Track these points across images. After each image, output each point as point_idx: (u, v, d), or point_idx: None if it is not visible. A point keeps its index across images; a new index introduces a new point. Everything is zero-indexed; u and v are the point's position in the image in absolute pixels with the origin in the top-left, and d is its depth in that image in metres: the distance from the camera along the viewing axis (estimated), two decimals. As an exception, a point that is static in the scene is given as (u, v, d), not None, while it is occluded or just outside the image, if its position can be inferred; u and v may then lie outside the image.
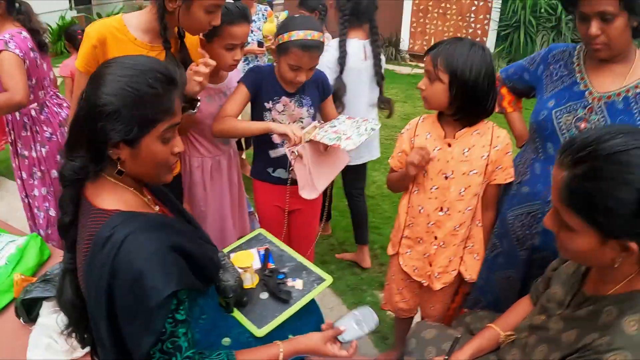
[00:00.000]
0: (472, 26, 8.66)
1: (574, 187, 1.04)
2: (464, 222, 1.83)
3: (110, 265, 1.06)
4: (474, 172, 1.76)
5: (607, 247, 1.07)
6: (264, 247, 1.93)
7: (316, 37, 1.99)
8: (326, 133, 1.98)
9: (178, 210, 1.40)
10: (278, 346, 1.34)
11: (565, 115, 1.69)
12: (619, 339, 1.06)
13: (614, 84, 1.64)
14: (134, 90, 1.09)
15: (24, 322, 1.76)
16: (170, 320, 1.11)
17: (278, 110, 2.16)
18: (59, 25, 9.74)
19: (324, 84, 2.27)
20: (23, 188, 2.82)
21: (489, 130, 1.77)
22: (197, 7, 1.72)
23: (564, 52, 1.79)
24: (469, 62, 1.62)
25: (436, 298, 2.01)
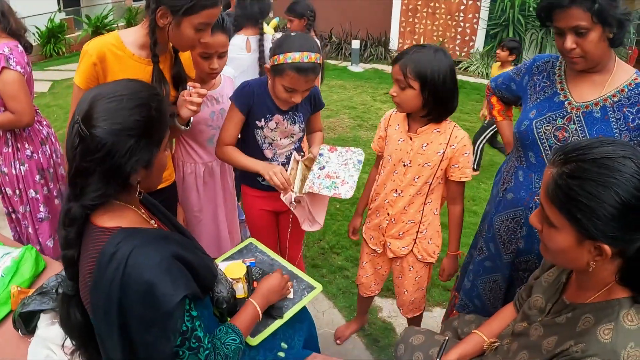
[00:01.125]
0: (461, 25, 8.71)
1: (560, 183, 1.09)
2: (413, 204, 2.07)
3: (119, 280, 1.10)
4: (428, 164, 1.98)
5: (583, 247, 1.12)
6: (251, 259, 1.97)
7: (313, 59, 1.91)
8: (320, 180, 1.99)
9: (172, 223, 1.45)
10: (251, 302, 1.54)
11: (544, 125, 1.74)
12: (593, 346, 1.11)
13: (592, 93, 1.68)
14: (146, 119, 1.15)
15: (22, 334, 1.78)
16: (188, 319, 1.18)
17: (270, 128, 2.14)
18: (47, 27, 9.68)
19: (316, 98, 2.23)
20: (8, 203, 2.74)
21: (449, 129, 1.96)
22: (187, 24, 1.73)
23: (547, 63, 1.83)
24: (436, 67, 1.80)
25: (408, 281, 2.23)
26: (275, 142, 2.18)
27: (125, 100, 1.14)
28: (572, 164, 1.09)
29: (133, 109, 1.14)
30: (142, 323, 1.12)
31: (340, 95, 7.00)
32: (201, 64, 2.10)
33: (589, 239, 1.09)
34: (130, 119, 1.12)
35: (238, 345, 1.35)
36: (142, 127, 1.14)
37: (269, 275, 1.66)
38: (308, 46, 1.92)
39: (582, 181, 1.06)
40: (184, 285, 1.16)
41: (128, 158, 1.12)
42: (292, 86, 1.95)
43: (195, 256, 1.27)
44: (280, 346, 1.64)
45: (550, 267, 1.46)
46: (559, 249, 1.17)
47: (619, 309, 1.14)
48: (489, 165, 4.93)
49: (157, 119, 1.18)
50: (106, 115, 1.11)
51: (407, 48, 1.89)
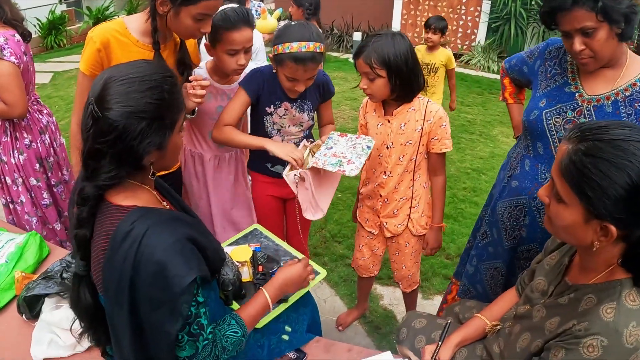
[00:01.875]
0: (463, 18, 8.68)
1: (575, 159, 1.11)
2: (403, 181, 2.13)
3: (132, 259, 1.11)
4: (409, 142, 2.04)
5: (589, 226, 1.13)
6: (256, 244, 1.97)
7: (311, 49, 1.90)
8: (326, 157, 1.95)
9: (181, 206, 1.45)
10: (262, 292, 1.50)
11: (555, 117, 1.72)
12: (596, 325, 1.13)
13: (604, 87, 1.65)
14: (159, 101, 1.15)
15: (26, 318, 1.80)
16: (193, 304, 1.18)
17: (279, 115, 2.15)
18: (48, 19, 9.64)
19: (326, 87, 2.23)
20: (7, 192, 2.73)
21: (423, 105, 2.02)
22: (185, 14, 1.74)
23: (559, 49, 1.79)
24: (398, 52, 1.86)
25: (405, 257, 2.30)
26: (283, 129, 2.18)
27: (137, 82, 1.14)
28: (588, 142, 1.10)
29: (145, 91, 1.14)
30: (152, 303, 1.13)
31: (342, 87, 6.98)
32: (228, 62, 2.05)
33: (596, 218, 1.10)
34: (142, 102, 1.13)
35: (239, 339, 1.35)
36: (154, 109, 1.14)
37: (289, 265, 1.60)
38: (307, 35, 1.91)
39: (596, 160, 1.07)
40: (196, 267, 1.16)
41: (140, 140, 1.13)
42: (292, 75, 1.97)
43: (206, 239, 1.28)
44: (284, 329, 1.66)
45: (552, 251, 1.47)
46: (564, 225, 1.18)
47: (620, 289, 1.16)
48: (490, 157, 4.93)
49: (169, 102, 1.18)
50: (119, 97, 1.12)
51: (365, 39, 1.95)
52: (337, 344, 1.73)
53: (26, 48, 2.57)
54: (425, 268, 3.15)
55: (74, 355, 1.68)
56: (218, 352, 1.29)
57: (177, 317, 1.14)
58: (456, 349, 1.58)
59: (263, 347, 1.58)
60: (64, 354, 1.67)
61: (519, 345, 1.36)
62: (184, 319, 1.17)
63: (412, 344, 1.69)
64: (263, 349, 1.58)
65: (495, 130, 5.61)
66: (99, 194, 1.18)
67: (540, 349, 1.28)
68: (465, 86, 7.16)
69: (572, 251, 1.39)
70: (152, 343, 1.16)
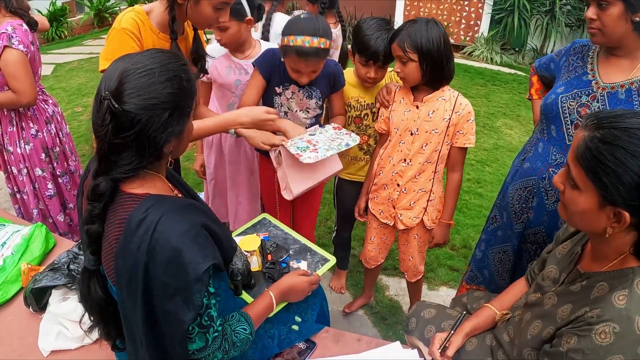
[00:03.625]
0: (466, 9, 8.63)
1: (591, 146, 1.12)
2: (423, 172, 2.11)
3: (147, 245, 1.09)
4: (435, 131, 2.03)
5: (603, 212, 1.14)
6: (265, 233, 1.97)
7: (315, 44, 1.91)
8: (300, 141, 2.00)
9: (191, 196, 1.44)
10: (268, 293, 1.53)
11: (569, 101, 1.77)
12: (609, 311, 1.13)
13: (620, 76, 1.70)
14: (178, 90, 1.14)
15: (33, 310, 1.80)
16: (205, 294, 1.17)
17: (287, 97, 2.17)
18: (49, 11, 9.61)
19: (336, 77, 2.22)
20: (13, 182, 2.76)
21: (453, 97, 2.04)
22: (206, 3, 1.74)
23: (584, 46, 1.87)
24: (431, 37, 1.89)
25: (413, 248, 2.29)
26: (291, 111, 2.19)
27: (157, 74, 1.12)
28: (605, 130, 1.11)
29: (165, 82, 1.12)
30: (166, 291, 1.11)
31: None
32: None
33: (610, 204, 1.11)
34: (164, 92, 1.11)
35: (247, 336, 1.35)
36: (176, 99, 1.14)
37: (295, 273, 1.64)
38: (312, 30, 1.92)
39: (613, 147, 1.09)
40: (211, 255, 1.16)
41: (162, 131, 1.12)
42: (295, 67, 2.01)
43: (219, 227, 1.26)
44: (294, 320, 1.65)
45: (564, 240, 1.48)
46: (578, 210, 1.19)
47: (633, 276, 1.16)
48: (493, 148, 4.92)
49: (187, 90, 1.18)
50: (139, 90, 1.10)
51: (401, 25, 1.97)
52: (347, 334, 1.73)
53: (33, 37, 2.58)
54: (430, 259, 3.15)
55: (82, 346, 1.68)
56: (228, 346, 1.28)
57: (190, 306, 1.13)
58: (466, 338, 1.58)
59: (273, 338, 1.58)
60: (71, 345, 1.67)
61: (530, 332, 1.36)
62: (196, 309, 1.15)
63: (421, 333, 1.69)
64: (273, 339, 1.57)
65: (498, 122, 5.60)
66: (115, 186, 1.17)
67: (552, 335, 1.28)
68: (469, 78, 7.14)
69: (584, 240, 1.39)
70: (166, 333, 1.14)
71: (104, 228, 1.20)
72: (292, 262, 1.82)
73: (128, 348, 1.25)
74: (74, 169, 2.90)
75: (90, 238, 1.20)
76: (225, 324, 1.31)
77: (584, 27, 7.53)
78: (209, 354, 1.24)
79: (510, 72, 7.55)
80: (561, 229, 1.55)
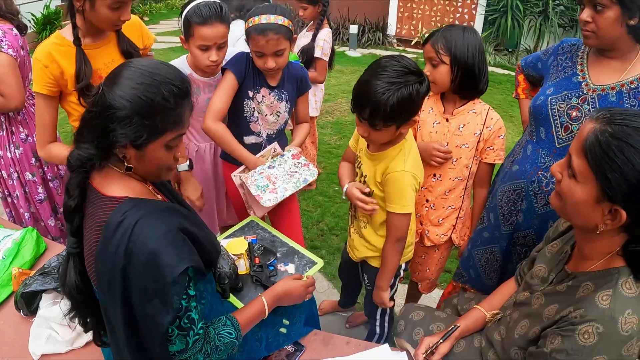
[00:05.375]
0: (460, 11, 8.67)
1: (601, 139, 1.11)
2: (454, 189, 2.04)
3: (124, 248, 1.10)
4: (466, 145, 1.96)
5: (599, 207, 1.13)
6: (252, 236, 1.98)
7: (272, 20, 1.94)
8: (260, 176, 2.06)
9: (177, 200, 1.45)
10: (261, 298, 1.52)
11: (559, 103, 1.75)
12: (592, 311, 1.14)
13: (610, 78, 1.69)
14: (148, 100, 1.13)
15: (24, 314, 1.80)
16: (184, 297, 1.18)
17: (258, 100, 2.15)
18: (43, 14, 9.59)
19: (304, 80, 2.25)
20: (4, 186, 2.74)
21: (484, 111, 1.96)
22: (100, 4, 1.72)
23: (572, 46, 1.84)
24: (466, 43, 1.83)
25: (432, 261, 2.23)
26: (262, 115, 2.18)
27: (139, 74, 1.15)
28: (617, 126, 1.10)
29: (140, 84, 1.14)
30: (144, 293, 1.13)
31: (338, 80, 6.98)
32: (200, 57, 2.04)
33: (609, 200, 1.11)
34: (131, 92, 1.13)
35: (232, 340, 1.35)
36: (140, 105, 1.13)
37: (290, 278, 1.63)
38: (270, 10, 1.97)
39: (622, 144, 1.08)
40: (188, 258, 1.16)
41: (115, 126, 1.13)
42: (257, 49, 1.99)
43: (200, 230, 1.27)
44: (282, 322, 1.66)
45: (554, 239, 1.48)
46: (574, 201, 1.18)
47: (618, 276, 1.17)
48: (487, 149, 4.93)
49: (161, 107, 1.15)
50: (119, 80, 1.15)
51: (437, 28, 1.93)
52: (335, 336, 1.73)
53: (23, 42, 2.57)
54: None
55: (72, 350, 1.68)
56: (210, 349, 1.28)
57: (168, 309, 1.14)
58: (454, 340, 1.59)
59: (261, 341, 1.58)
60: (62, 349, 1.67)
61: (517, 331, 1.37)
62: (175, 312, 1.16)
63: (410, 336, 1.69)
64: (261, 342, 1.58)
65: (492, 122, 5.62)
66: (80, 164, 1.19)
67: (538, 335, 1.28)
68: (462, 78, 7.16)
69: (573, 240, 1.39)
70: (146, 335, 1.16)
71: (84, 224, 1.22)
72: (280, 265, 1.82)
73: (112, 347, 1.27)
74: (65, 173, 2.89)
75: (66, 213, 1.22)
76: (209, 327, 1.32)
77: (577, 28, 7.56)
78: (190, 356, 1.24)
79: (504, 73, 7.59)
80: (551, 228, 1.55)
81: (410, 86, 1.54)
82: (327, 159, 4.69)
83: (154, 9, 14.15)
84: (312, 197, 4.00)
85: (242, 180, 2.09)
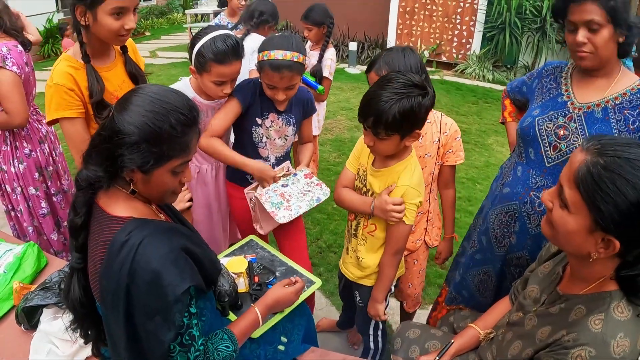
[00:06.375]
0: (458, 27, 8.75)
1: (593, 171, 1.12)
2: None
3: (128, 267, 1.14)
4: (429, 155, 2.05)
5: (591, 237, 1.15)
6: (252, 255, 2.00)
7: (288, 57, 1.94)
8: (274, 194, 2.07)
9: (178, 219, 1.49)
10: (253, 308, 1.56)
11: (546, 123, 1.78)
12: (585, 335, 1.15)
13: (595, 95, 1.72)
14: (156, 128, 1.17)
15: (24, 329, 1.81)
16: (186, 314, 1.21)
17: (267, 126, 2.17)
18: (45, 27, 9.68)
19: (310, 103, 2.28)
20: (7, 200, 2.77)
21: (437, 119, 2.06)
22: (102, 14, 1.72)
23: (556, 68, 1.88)
24: (408, 64, 1.89)
25: (412, 275, 2.29)
26: (270, 140, 2.20)
27: (148, 101, 1.19)
28: (608, 158, 1.12)
29: (149, 112, 1.17)
30: (147, 311, 1.16)
31: (338, 97, 7.02)
32: (213, 90, 2.06)
33: (602, 230, 1.13)
34: (140, 119, 1.16)
35: (230, 353, 1.38)
36: (148, 132, 1.16)
37: (280, 285, 1.66)
38: (286, 45, 1.97)
39: (614, 175, 1.09)
40: (189, 277, 1.20)
41: (123, 151, 1.16)
42: (270, 82, 2.01)
43: (202, 250, 1.31)
44: (280, 340, 1.68)
45: (546, 260, 1.50)
46: (567, 231, 1.20)
47: (610, 300, 1.18)
48: (485, 166, 4.97)
49: (169, 135, 1.19)
50: (128, 105, 1.18)
51: (375, 55, 1.96)
52: (332, 353, 1.75)
53: (28, 58, 2.61)
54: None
55: (72, 365, 1.70)
56: None
57: (170, 326, 1.18)
58: (450, 357, 1.60)
59: (259, 358, 1.60)
60: (62, 364, 1.69)
61: (511, 352, 1.38)
62: (177, 329, 1.20)
63: (406, 353, 1.71)
64: (259, 359, 1.60)
65: (490, 139, 5.66)
66: (87, 184, 1.22)
67: (531, 357, 1.30)
68: (460, 95, 7.22)
69: (565, 261, 1.41)
70: (148, 351, 1.19)
71: (89, 242, 1.25)
72: (279, 284, 1.84)
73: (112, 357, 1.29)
74: (68, 188, 2.92)
75: (71, 230, 1.25)
76: (207, 342, 1.35)
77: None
78: None
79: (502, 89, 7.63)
80: (544, 248, 1.56)
81: (413, 98, 1.60)
82: (327, 176, 4.71)
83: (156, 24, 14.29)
84: (310, 214, 4.00)
85: (257, 197, 2.09)
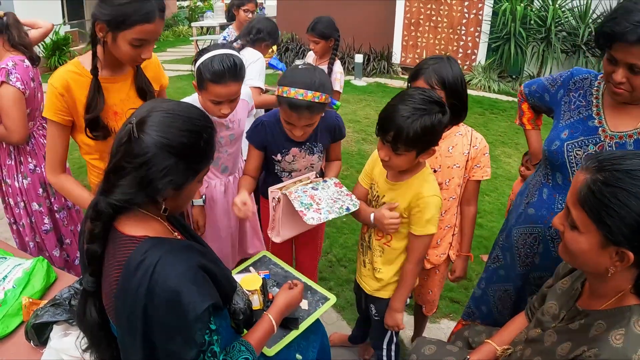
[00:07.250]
0: (463, 39, 8.78)
1: (594, 189, 1.13)
2: (449, 209, 2.10)
3: (146, 287, 1.12)
4: (457, 165, 2.05)
5: (605, 252, 1.16)
6: (265, 271, 1.98)
7: (309, 97, 1.86)
8: (304, 194, 1.98)
9: (192, 236, 1.47)
10: (267, 316, 1.55)
11: (576, 149, 1.73)
12: (606, 351, 1.14)
13: (629, 124, 1.66)
14: (194, 145, 1.19)
15: (34, 345, 1.79)
16: (207, 332, 1.19)
17: (288, 161, 2.15)
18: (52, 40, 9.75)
19: (338, 130, 2.23)
20: (10, 213, 2.77)
21: (468, 132, 2.08)
22: (122, 40, 1.72)
23: (584, 80, 1.79)
24: (453, 74, 1.90)
25: (433, 283, 2.29)
26: (295, 171, 2.18)
27: (180, 120, 1.18)
28: (607, 173, 1.13)
29: (184, 131, 1.17)
30: (167, 331, 1.13)
31: (344, 110, 7.02)
32: (211, 109, 2.04)
33: (614, 244, 1.13)
34: (177, 139, 1.16)
35: None
36: (186, 151, 1.17)
37: (285, 289, 1.66)
38: (308, 83, 1.88)
39: (615, 189, 1.11)
40: (209, 295, 1.18)
41: (162, 175, 1.15)
42: (288, 119, 1.97)
43: (217, 267, 1.29)
44: (295, 357, 1.66)
45: (564, 276, 1.49)
46: (580, 251, 1.21)
47: (630, 315, 1.18)
48: (493, 177, 4.93)
49: (202, 150, 1.22)
50: (158, 126, 1.16)
51: (420, 63, 1.97)
52: (347, 370, 1.73)
53: (35, 74, 2.59)
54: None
55: (83, 382, 1.68)
56: None
57: (192, 345, 1.15)
58: None
59: (274, 375, 1.58)
60: (72, 381, 1.67)
61: None
62: (199, 347, 1.17)
63: (422, 371, 1.68)
64: (275, 376, 1.58)
65: (497, 150, 5.64)
66: (111, 212, 1.20)
67: (552, 374, 1.28)
68: (467, 106, 7.20)
69: (584, 277, 1.40)
70: None
71: (104, 262, 1.23)
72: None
73: None
74: (72, 205, 2.90)
75: (90, 258, 1.23)
76: (227, 355, 1.33)
77: (579, 53, 7.62)
78: None
79: (508, 100, 7.63)
80: (561, 264, 1.55)
81: (434, 115, 1.61)
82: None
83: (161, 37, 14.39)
84: (319, 227, 3.97)
85: (285, 195, 1.98)
